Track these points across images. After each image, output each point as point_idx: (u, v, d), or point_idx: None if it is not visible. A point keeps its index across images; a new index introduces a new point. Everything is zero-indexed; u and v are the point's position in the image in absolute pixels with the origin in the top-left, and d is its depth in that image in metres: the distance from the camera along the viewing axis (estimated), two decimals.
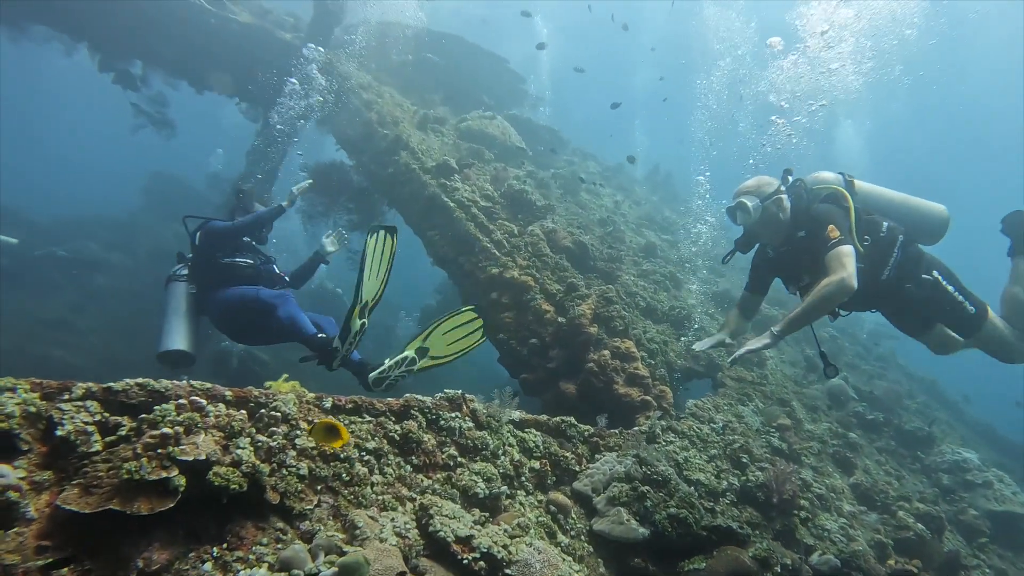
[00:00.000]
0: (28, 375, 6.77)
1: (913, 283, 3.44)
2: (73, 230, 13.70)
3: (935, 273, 3.48)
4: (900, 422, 7.26)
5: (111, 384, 2.24)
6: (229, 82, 8.65)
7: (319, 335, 4.36)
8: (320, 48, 8.11)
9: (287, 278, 5.39)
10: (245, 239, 5.16)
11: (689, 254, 10.22)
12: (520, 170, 9.17)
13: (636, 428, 4.24)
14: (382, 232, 4.06)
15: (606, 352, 4.83)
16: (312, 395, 2.78)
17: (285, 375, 3.01)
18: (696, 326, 6.69)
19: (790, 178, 3.69)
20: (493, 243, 5.91)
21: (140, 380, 2.31)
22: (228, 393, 2.50)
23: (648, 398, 4.65)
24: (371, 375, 4.03)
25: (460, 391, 3.37)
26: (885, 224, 3.47)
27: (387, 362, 4.12)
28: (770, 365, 7.26)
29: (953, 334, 3.68)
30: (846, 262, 3.14)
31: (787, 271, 3.69)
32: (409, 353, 4.16)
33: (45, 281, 11.63)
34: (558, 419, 3.80)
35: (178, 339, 4.70)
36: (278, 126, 9.13)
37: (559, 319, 5.12)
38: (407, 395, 3.15)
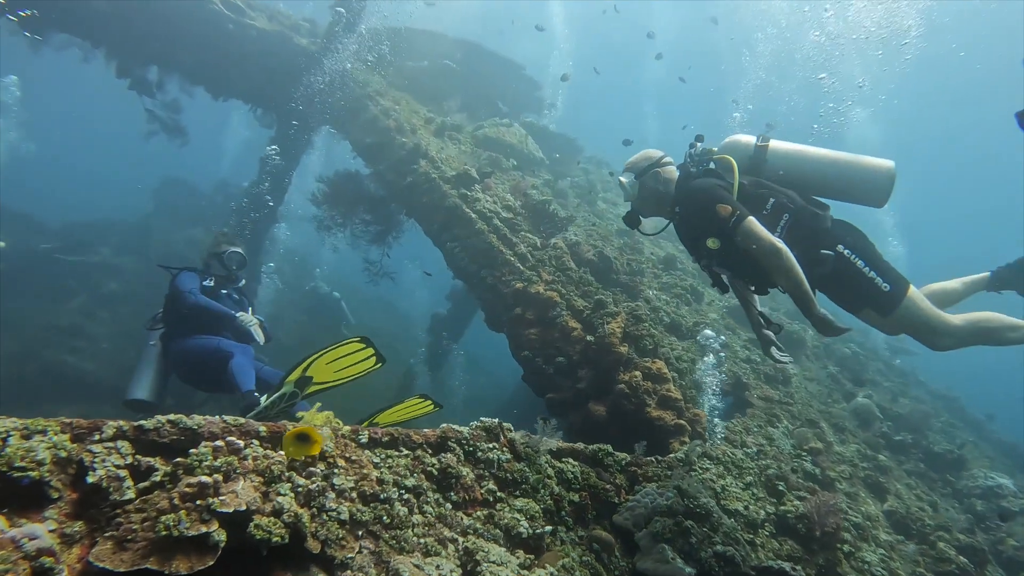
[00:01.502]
0: (42, 381, 6.70)
1: (810, 260, 3.15)
2: (85, 234, 13.64)
3: (841, 247, 3.21)
4: (929, 443, 7.08)
5: (142, 422, 2.10)
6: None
7: (254, 393, 4.43)
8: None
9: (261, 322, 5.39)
10: (212, 286, 5.43)
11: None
12: (537, 179, 9.05)
13: (672, 455, 4.08)
14: (372, 352, 4.09)
15: (637, 373, 4.68)
16: (347, 428, 2.64)
17: (318, 403, 2.87)
18: (719, 341, 6.52)
19: (699, 145, 3.56)
20: (517, 256, 5.77)
21: (172, 417, 2.17)
22: (262, 429, 2.36)
23: (682, 422, 4.49)
24: (248, 416, 3.91)
25: (497, 420, 3.22)
26: (771, 201, 3.26)
27: (263, 401, 4.10)
28: (794, 383, 7.10)
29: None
30: (757, 235, 3.02)
31: (686, 244, 3.56)
32: (287, 389, 4.06)
33: (58, 286, 11.59)
34: (595, 447, 3.64)
35: (140, 389, 5.11)
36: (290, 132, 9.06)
37: (587, 337, 4.97)
38: (444, 426, 3.01)
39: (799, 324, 8.89)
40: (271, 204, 9.76)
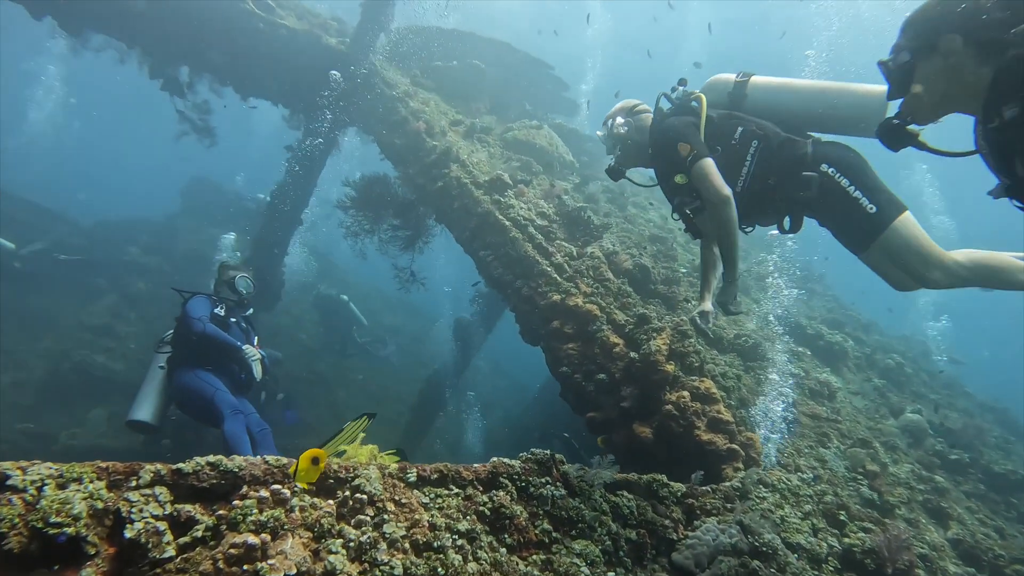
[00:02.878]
0: (74, 380, 6.76)
1: (794, 186, 3.10)
2: (114, 233, 13.76)
3: (825, 166, 3.05)
4: (987, 462, 6.70)
5: (180, 465, 1.93)
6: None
7: None
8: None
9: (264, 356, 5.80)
10: (223, 315, 5.71)
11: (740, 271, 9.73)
12: (567, 183, 8.80)
13: (728, 484, 3.83)
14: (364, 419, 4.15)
15: (685, 393, 4.43)
16: (395, 466, 2.45)
17: (361, 435, 2.69)
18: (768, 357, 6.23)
19: (680, 88, 3.53)
20: (553, 266, 5.54)
21: (211, 459, 2.00)
22: None
23: (734, 446, 4.23)
24: None
25: (549, 451, 3.01)
26: (739, 130, 3.23)
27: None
28: (840, 397, 6.77)
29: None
30: (707, 177, 3.09)
31: (663, 187, 3.59)
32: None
33: (90, 286, 11.71)
34: (649, 478, 3.41)
35: (143, 411, 5.32)
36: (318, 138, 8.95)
37: (631, 354, 4.73)
38: (494, 459, 2.81)
39: (840, 335, 8.53)
40: (289, 209, 9.69)
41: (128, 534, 1.69)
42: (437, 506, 2.40)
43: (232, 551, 1.65)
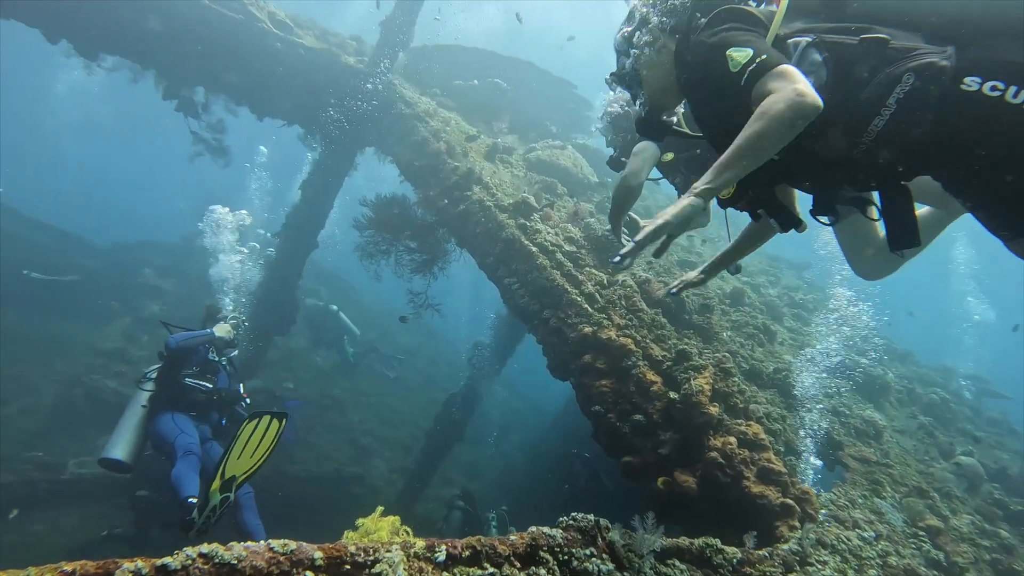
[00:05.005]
0: (86, 406, 6.68)
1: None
2: (130, 256, 13.69)
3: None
4: None
5: (166, 561, 1.60)
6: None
7: (189, 500, 4.53)
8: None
9: (247, 400, 6.14)
10: (212, 358, 6.01)
11: (772, 297, 9.30)
12: (591, 204, 8.49)
13: (785, 547, 3.42)
14: (267, 418, 4.03)
15: (731, 439, 4.03)
16: (421, 544, 2.09)
17: (380, 508, 2.34)
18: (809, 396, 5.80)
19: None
20: (584, 296, 5.20)
21: (205, 550, 1.66)
22: (317, 555, 1.84)
23: (788, 501, 3.81)
24: (190, 532, 4.19)
25: (592, 517, 2.64)
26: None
27: (196, 520, 4.18)
28: (886, 437, 6.30)
29: None
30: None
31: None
32: (215, 500, 4.13)
33: (104, 309, 11.57)
34: (701, 543, 3.02)
35: (118, 449, 5.32)
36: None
37: (670, 393, 4.35)
38: (532, 530, 2.44)
39: (881, 368, 8.05)
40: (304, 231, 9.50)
41: None
42: None
43: None
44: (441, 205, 6.80)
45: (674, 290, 3.18)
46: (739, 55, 1.98)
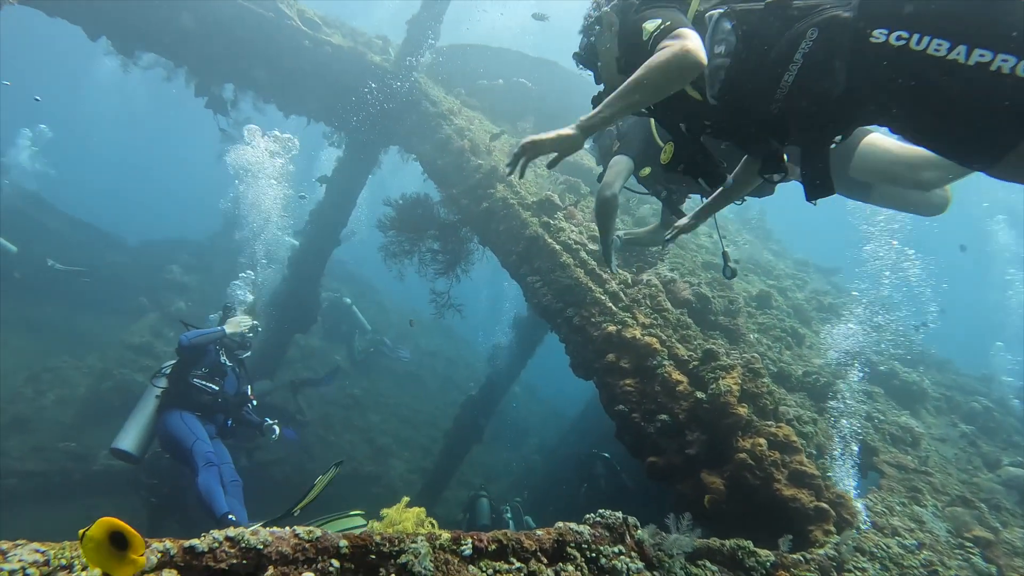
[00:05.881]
0: (115, 399, 6.82)
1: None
2: (158, 252, 13.96)
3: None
4: None
5: (194, 542, 1.58)
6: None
7: (228, 517, 4.69)
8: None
9: (254, 402, 6.34)
10: (223, 361, 6.17)
11: (799, 301, 9.09)
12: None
13: (821, 552, 3.29)
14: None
15: (761, 440, 3.92)
16: (446, 536, 2.05)
17: (406, 498, 2.30)
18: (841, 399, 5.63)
19: None
20: (608, 295, 5.12)
21: (231, 533, 1.64)
22: (343, 544, 1.80)
23: (823, 505, 3.68)
24: None
25: (621, 515, 2.57)
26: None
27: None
28: (924, 445, 6.08)
29: None
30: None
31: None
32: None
33: (135, 304, 11.81)
34: (733, 544, 2.92)
35: (127, 441, 5.50)
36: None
37: (697, 393, 4.25)
38: (559, 525, 2.38)
39: (916, 373, 7.80)
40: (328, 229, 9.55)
41: None
42: None
43: None
44: (464, 204, 6.77)
45: (669, 237, 3.56)
46: (650, 25, 2.24)
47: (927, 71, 1.79)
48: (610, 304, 5.02)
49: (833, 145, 2.19)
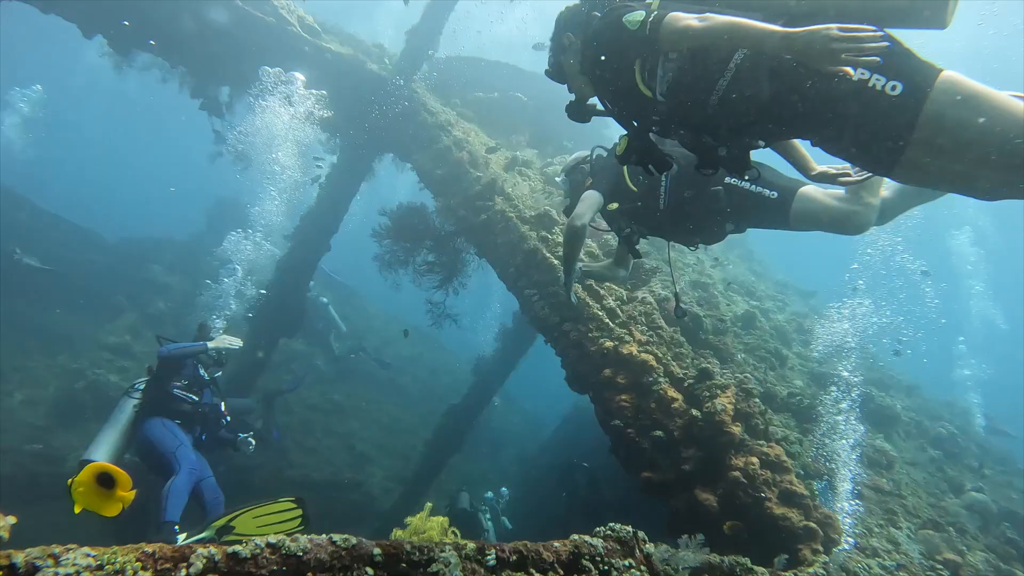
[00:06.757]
0: (87, 399, 6.59)
1: (707, 199, 3.45)
2: (139, 250, 13.68)
3: (727, 179, 3.44)
4: None
5: (236, 549, 1.60)
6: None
7: (174, 527, 4.49)
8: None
9: (228, 418, 6.25)
10: (201, 374, 6.15)
11: (780, 322, 9.33)
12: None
13: (811, 571, 3.41)
14: (299, 514, 4.14)
15: (754, 459, 4.04)
16: (472, 546, 2.09)
17: (429, 504, 2.34)
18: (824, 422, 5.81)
19: None
20: (605, 311, 5.22)
21: (273, 540, 1.66)
22: (376, 552, 1.84)
23: (811, 524, 3.80)
24: None
25: (631, 529, 2.63)
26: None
27: (180, 540, 4.05)
28: (897, 468, 6.30)
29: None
30: (584, 201, 3.73)
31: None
32: (208, 534, 4.07)
33: (112, 304, 11.53)
34: (731, 561, 3.01)
35: (99, 453, 5.29)
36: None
37: (692, 411, 4.36)
38: (575, 537, 2.44)
39: (890, 398, 8.07)
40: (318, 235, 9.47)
41: None
42: None
43: None
44: (461, 214, 6.84)
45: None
46: (635, 17, 2.46)
47: (830, 86, 2.14)
48: (607, 320, 5.12)
49: (758, 148, 2.70)
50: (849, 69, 2.02)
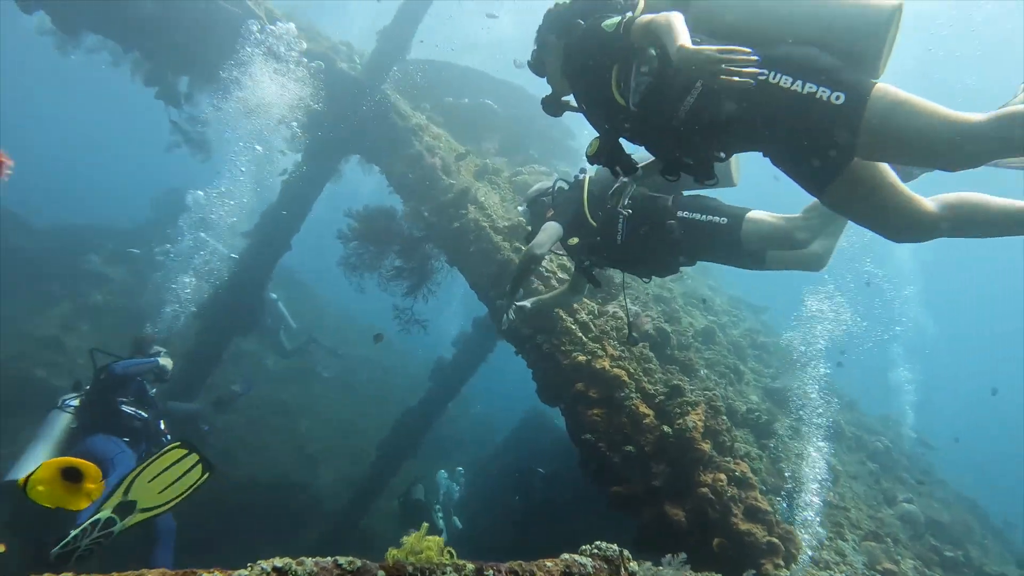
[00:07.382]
0: (7, 394, 5.99)
1: (662, 233, 3.58)
2: (75, 238, 12.83)
3: (681, 212, 3.58)
4: (980, 563, 6.61)
5: (242, 573, 1.52)
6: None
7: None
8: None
9: (168, 436, 5.99)
10: (147, 389, 5.97)
11: (736, 337, 9.67)
12: None
13: None
14: (196, 459, 3.26)
15: (721, 476, 4.16)
16: (471, 566, 2.06)
17: (426, 524, 2.29)
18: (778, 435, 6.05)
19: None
20: (578, 324, 5.27)
21: (279, 564, 1.59)
22: (380, 574, 1.79)
23: (774, 540, 3.95)
24: (53, 551, 3.36)
25: (616, 547, 2.66)
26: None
27: (72, 531, 3.43)
28: (842, 481, 6.64)
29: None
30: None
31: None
32: (104, 515, 3.38)
33: (42, 294, 10.73)
34: None
35: (25, 471, 4.59)
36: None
37: (663, 427, 4.45)
38: (564, 556, 2.44)
39: (834, 413, 8.48)
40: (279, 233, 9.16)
41: None
42: None
43: None
44: (432, 220, 6.77)
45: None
46: (612, 20, 2.65)
47: (782, 101, 2.37)
48: (580, 334, 5.17)
49: (719, 161, 2.81)
50: (749, 80, 2.19)
